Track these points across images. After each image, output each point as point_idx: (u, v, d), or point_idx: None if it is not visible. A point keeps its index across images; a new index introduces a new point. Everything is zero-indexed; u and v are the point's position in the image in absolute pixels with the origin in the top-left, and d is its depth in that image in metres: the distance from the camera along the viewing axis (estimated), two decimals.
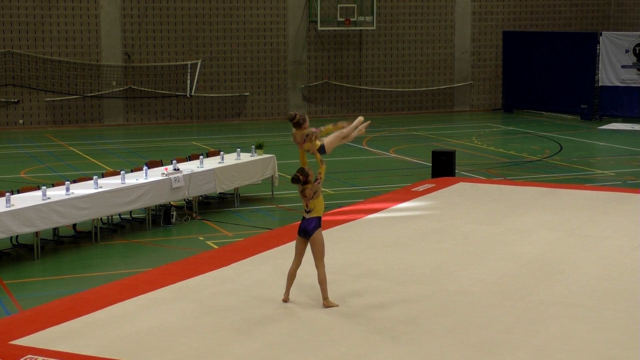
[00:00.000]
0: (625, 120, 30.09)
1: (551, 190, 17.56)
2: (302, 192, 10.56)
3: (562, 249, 13.13)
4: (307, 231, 10.58)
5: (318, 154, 10.65)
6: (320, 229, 10.56)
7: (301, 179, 10.47)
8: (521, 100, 33.02)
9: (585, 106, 31.02)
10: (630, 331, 9.76)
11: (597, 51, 30.93)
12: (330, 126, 10.91)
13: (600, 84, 31.07)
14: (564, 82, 31.64)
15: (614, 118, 30.51)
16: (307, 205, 10.57)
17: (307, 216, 10.58)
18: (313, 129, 10.63)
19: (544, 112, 32.25)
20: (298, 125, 10.58)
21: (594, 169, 22.11)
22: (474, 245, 13.34)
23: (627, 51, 30.64)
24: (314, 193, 10.50)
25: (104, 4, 29.88)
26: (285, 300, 10.80)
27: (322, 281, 10.58)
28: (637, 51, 30.49)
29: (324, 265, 10.58)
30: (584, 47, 31.25)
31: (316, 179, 10.51)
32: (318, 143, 10.69)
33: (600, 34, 31.11)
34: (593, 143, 26.29)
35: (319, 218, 10.58)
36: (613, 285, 11.39)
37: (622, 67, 30.73)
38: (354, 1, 31.66)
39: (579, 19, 34.29)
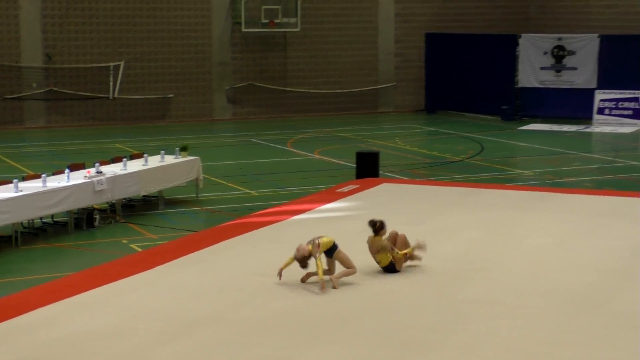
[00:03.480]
0: (545, 120, 30.60)
1: (474, 190, 17.74)
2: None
3: (486, 248, 13.27)
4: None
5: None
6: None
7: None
8: (444, 101, 33.34)
9: (506, 107, 31.44)
10: (553, 328, 9.89)
11: (517, 53, 31.39)
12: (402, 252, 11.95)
13: (520, 85, 31.53)
14: (485, 83, 32.02)
15: (534, 119, 30.99)
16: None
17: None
18: (389, 245, 11.82)
19: (466, 113, 32.61)
20: (376, 232, 11.78)
21: (515, 168, 22.42)
22: None
23: (545, 53, 31.16)
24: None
25: (24, 4, 29.29)
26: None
27: (343, 275, 11.37)
28: (555, 53, 31.03)
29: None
30: (504, 49, 31.68)
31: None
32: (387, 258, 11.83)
33: (520, 36, 31.59)
34: (514, 143, 26.66)
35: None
36: (536, 282, 11.54)
37: (541, 68, 31.24)
38: (278, 3, 31.60)
39: (501, 20, 34.73)
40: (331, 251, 11.43)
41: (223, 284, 11.40)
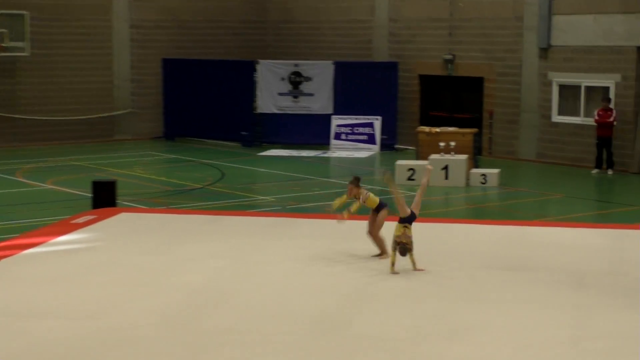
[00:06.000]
0: (284, 146, 31.16)
1: (216, 218, 17.73)
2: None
3: (230, 276, 13.26)
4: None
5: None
6: (385, 208, 13.90)
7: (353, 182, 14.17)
8: (183, 128, 33.17)
9: (246, 133, 31.75)
10: (300, 353, 9.99)
11: (255, 79, 31.85)
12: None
13: (259, 111, 31.97)
14: (225, 110, 32.21)
15: (274, 144, 31.49)
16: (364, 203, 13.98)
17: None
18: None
19: (206, 140, 32.61)
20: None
21: (257, 194, 22.63)
22: (141, 276, 13.10)
23: (283, 79, 31.81)
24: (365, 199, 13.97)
25: None
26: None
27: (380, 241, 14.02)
28: (293, 79, 31.77)
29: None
30: (242, 75, 32.03)
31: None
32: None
33: (258, 62, 32.07)
34: (254, 169, 26.94)
35: (381, 203, 13.92)
36: (281, 309, 11.63)
37: (279, 94, 31.86)
38: (4, 26, 30.22)
39: (239, 47, 35.04)
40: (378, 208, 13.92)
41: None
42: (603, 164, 25.41)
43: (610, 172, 25.25)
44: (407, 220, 13.24)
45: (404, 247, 13.15)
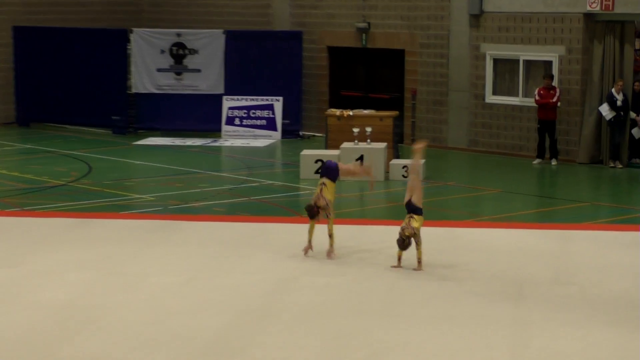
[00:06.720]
0: (166, 133, 30.95)
1: (83, 221, 17.63)
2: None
3: (99, 292, 13.17)
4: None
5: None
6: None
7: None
8: (41, 112, 32.70)
9: (118, 118, 31.44)
10: None
11: (129, 52, 31.55)
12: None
13: (134, 91, 31.68)
14: (92, 89, 31.79)
15: (153, 131, 31.24)
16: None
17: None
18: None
19: (68, 126, 32.23)
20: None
21: (132, 192, 22.47)
22: None
23: (162, 52, 31.53)
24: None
25: None
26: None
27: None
28: (175, 52, 31.53)
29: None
30: (113, 47, 31.64)
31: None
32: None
33: (131, 31, 31.77)
34: (129, 162, 26.74)
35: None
36: (160, 330, 11.61)
37: (158, 70, 31.59)
38: None
39: (109, 13, 34.63)
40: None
41: None
42: (545, 152, 25.96)
43: (554, 162, 25.81)
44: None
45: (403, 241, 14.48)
